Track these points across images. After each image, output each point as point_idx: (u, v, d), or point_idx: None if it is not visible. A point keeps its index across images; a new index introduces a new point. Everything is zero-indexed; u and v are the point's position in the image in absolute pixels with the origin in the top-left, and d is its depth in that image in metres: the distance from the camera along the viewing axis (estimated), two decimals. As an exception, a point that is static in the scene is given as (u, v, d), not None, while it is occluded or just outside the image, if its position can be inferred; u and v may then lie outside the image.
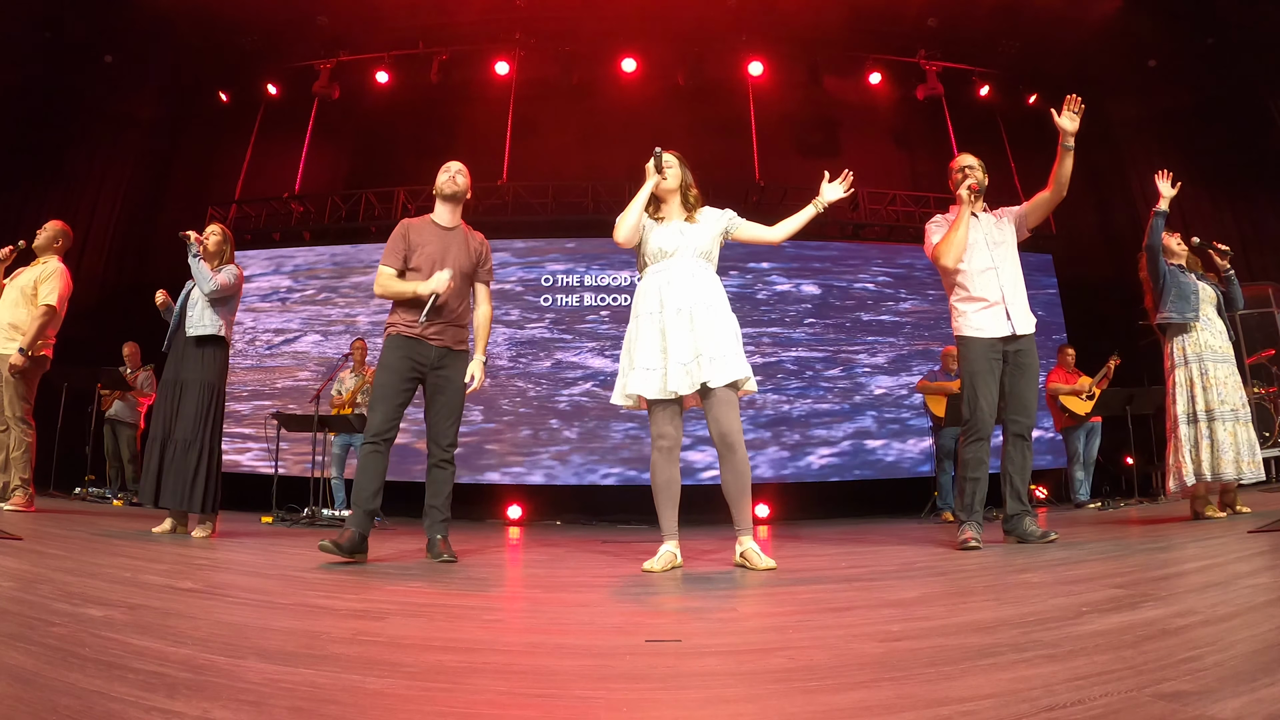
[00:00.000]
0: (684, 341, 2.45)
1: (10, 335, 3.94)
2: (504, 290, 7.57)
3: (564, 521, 6.31)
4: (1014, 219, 3.17)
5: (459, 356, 2.91)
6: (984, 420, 2.97)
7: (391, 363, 2.79)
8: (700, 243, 2.59)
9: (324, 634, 1.28)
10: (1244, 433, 3.51)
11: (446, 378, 2.86)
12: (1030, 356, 3.00)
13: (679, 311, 2.47)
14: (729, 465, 2.47)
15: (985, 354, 2.98)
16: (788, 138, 8.21)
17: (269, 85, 8.16)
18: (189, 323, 3.56)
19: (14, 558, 2.09)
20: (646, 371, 2.48)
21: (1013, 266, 3.07)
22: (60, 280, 4.04)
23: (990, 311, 3.00)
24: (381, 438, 2.72)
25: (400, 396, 2.79)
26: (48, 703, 0.81)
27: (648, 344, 2.51)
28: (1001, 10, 7.44)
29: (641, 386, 2.48)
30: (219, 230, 3.73)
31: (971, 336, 3.02)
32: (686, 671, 1.04)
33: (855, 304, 7.69)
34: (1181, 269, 3.76)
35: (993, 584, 1.87)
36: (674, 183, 2.65)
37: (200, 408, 3.50)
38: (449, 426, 2.87)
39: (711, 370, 2.40)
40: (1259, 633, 1.10)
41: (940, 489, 5.81)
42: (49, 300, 3.97)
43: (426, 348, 2.82)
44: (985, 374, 2.97)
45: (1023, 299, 3.04)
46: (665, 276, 2.54)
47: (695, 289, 2.51)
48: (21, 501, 3.80)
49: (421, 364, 2.81)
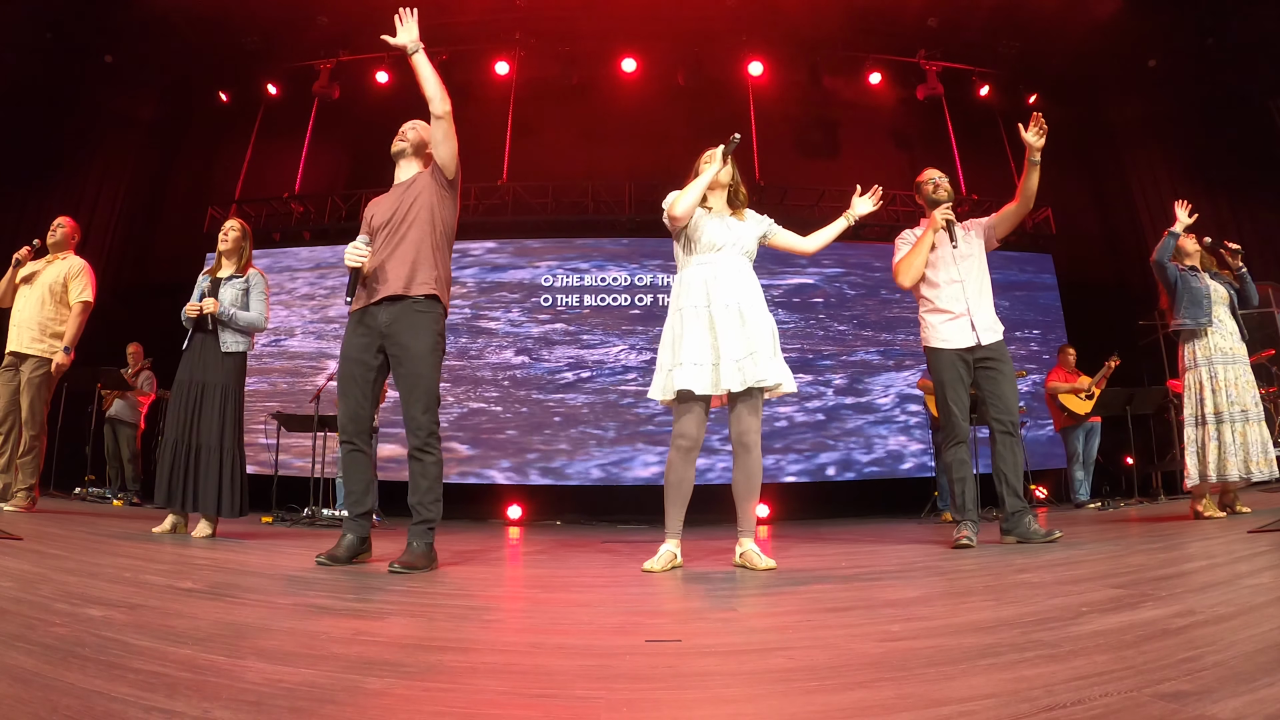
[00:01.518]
0: (736, 338, 2.41)
1: (38, 335, 3.90)
2: (504, 290, 7.58)
3: (564, 521, 6.31)
4: (981, 231, 3.25)
5: (408, 310, 2.44)
6: (959, 426, 3.09)
7: (345, 349, 2.52)
8: (746, 241, 2.59)
9: (324, 634, 1.28)
10: (1255, 432, 3.54)
11: (401, 345, 2.44)
12: (999, 360, 3.08)
13: (727, 307, 2.43)
14: (742, 465, 2.48)
15: (952, 363, 3.10)
16: (788, 138, 8.21)
17: (269, 85, 8.16)
18: (223, 336, 3.44)
19: (14, 558, 2.09)
20: (695, 367, 2.40)
21: (978, 279, 3.15)
22: (89, 275, 4.08)
23: (956, 323, 3.10)
24: (352, 435, 2.51)
25: (361, 385, 2.49)
26: (48, 703, 0.81)
27: (696, 339, 2.43)
28: (1001, 10, 7.44)
29: (691, 381, 2.38)
30: (238, 226, 3.62)
31: (939, 348, 3.13)
32: (686, 671, 1.04)
33: (854, 303, 7.69)
34: (1194, 271, 3.79)
35: (993, 584, 1.87)
36: (727, 177, 2.64)
37: (228, 413, 3.44)
38: (417, 406, 2.43)
39: (764, 370, 2.38)
40: (1259, 633, 1.10)
41: (940, 489, 5.81)
42: (85, 297, 4.00)
43: (372, 315, 2.48)
44: (954, 382, 3.09)
45: (988, 310, 3.13)
46: (712, 270, 2.50)
47: (742, 286, 2.49)
48: (24, 504, 3.80)
49: (373, 335, 2.48)
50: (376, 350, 2.49)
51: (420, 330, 2.45)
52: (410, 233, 2.51)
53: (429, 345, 2.46)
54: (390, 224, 2.54)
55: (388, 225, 2.54)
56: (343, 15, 7.60)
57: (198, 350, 3.48)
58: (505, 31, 7.95)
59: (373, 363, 2.50)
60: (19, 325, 3.93)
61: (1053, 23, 7.44)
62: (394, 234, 2.52)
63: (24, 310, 3.94)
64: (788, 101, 8.17)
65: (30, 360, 3.89)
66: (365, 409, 2.53)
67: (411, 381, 2.45)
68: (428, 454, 2.44)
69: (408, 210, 2.54)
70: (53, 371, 3.89)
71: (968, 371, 3.10)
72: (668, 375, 2.47)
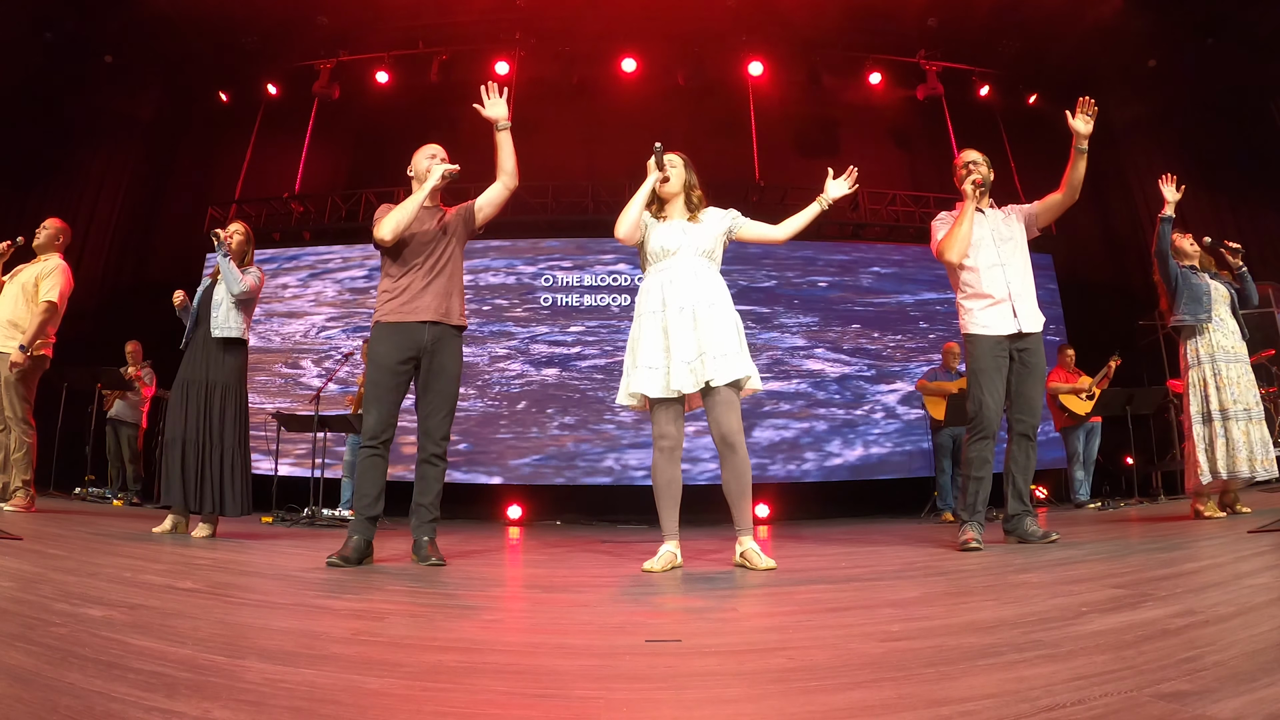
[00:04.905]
0: (687, 340, 2.45)
1: (10, 333, 3.89)
2: (504, 290, 7.58)
3: (564, 521, 6.31)
4: (1023, 217, 3.13)
5: (449, 335, 2.71)
6: (990, 419, 2.92)
7: (381, 358, 2.65)
8: (703, 242, 2.59)
9: (324, 634, 1.28)
10: (1257, 431, 3.53)
11: (441, 364, 2.68)
12: (1037, 356, 2.98)
13: (681, 310, 2.48)
14: (729, 465, 2.47)
15: (992, 351, 2.94)
16: (788, 138, 8.21)
17: (269, 85, 8.15)
18: (214, 324, 3.46)
19: (14, 558, 2.09)
20: (650, 370, 2.48)
21: (1020, 263, 3.03)
22: (61, 277, 4.01)
23: (997, 309, 2.96)
24: (380, 440, 2.62)
25: (395, 393, 2.66)
26: (48, 703, 0.81)
27: (651, 343, 2.51)
28: (1001, 10, 7.44)
29: (645, 385, 2.48)
30: (243, 229, 3.66)
31: (978, 334, 2.97)
32: (686, 671, 1.04)
33: (854, 303, 7.69)
34: (1194, 270, 3.77)
35: (993, 584, 1.87)
36: (677, 185, 2.65)
37: (230, 411, 3.45)
38: (443, 419, 2.70)
39: (716, 368, 2.41)
40: (1259, 633, 1.10)
41: (940, 489, 5.81)
42: (50, 297, 3.93)
43: (412, 330, 2.65)
44: (992, 372, 2.93)
45: (1031, 296, 3.01)
46: (668, 275, 2.54)
47: (698, 288, 2.51)
48: (23, 502, 3.79)
49: (412, 349, 2.65)
50: (411, 361, 2.67)
51: (457, 354, 2.75)
52: (449, 267, 2.78)
53: (459, 368, 2.78)
54: (430, 251, 2.75)
55: (428, 251, 2.75)
56: (343, 15, 7.60)
57: (199, 348, 3.50)
58: (505, 31, 7.94)
59: (406, 373, 2.68)
60: None
61: (1053, 23, 7.44)
62: (436, 265, 2.75)
63: (2, 308, 3.93)
64: (787, 101, 8.17)
65: (4, 359, 3.88)
66: (394, 416, 2.68)
67: (442, 399, 2.70)
68: (443, 460, 2.72)
69: (446, 245, 2.79)
70: (9, 370, 3.82)
71: (1006, 363, 2.95)
72: (627, 379, 2.57)
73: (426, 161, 2.83)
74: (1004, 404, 2.98)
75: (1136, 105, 7.94)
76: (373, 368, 2.68)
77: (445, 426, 2.71)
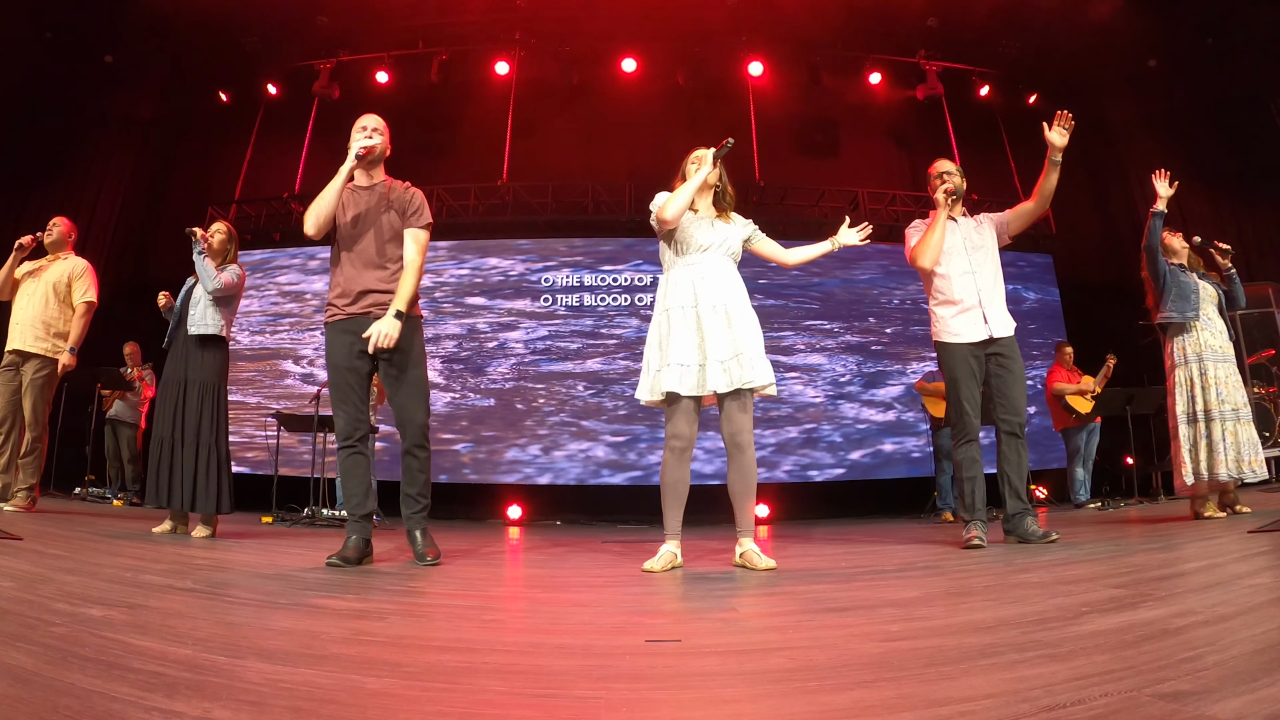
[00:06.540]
0: (723, 339, 2.43)
1: (42, 335, 3.91)
2: (504, 290, 7.58)
3: (564, 521, 6.31)
4: (995, 225, 3.20)
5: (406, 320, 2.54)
6: (970, 423, 3.03)
7: (335, 359, 2.57)
8: (732, 242, 2.59)
9: (324, 634, 1.28)
10: (1245, 432, 3.51)
11: (400, 352, 2.53)
12: (1011, 358, 3.03)
13: (714, 308, 2.45)
14: (736, 465, 2.48)
15: (965, 359, 3.03)
16: (788, 138, 8.21)
17: (269, 85, 8.15)
18: (190, 321, 3.49)
19: (14, 558, 2.09)
20: (682, 368, 2.42)
21: (991, 270, 3.10)
22: (93, 276, 4.11)
23: (967, 315, 3.04)
24: (355, 438, 2.60)
25: (358, 391, 2.59)
26: (48, 703, 0.81)
27: (683, 339, 2.44)
28: (1001, 10, 7.44)
29: (676, 383, 2.40)
30: (224, 228, 3.68)
31: (950, 342, 3.07)
32: (686, 671, 1.04)
33: (854, 303, 7.69)
34: (1182, 268, 3.76)
35: (993, 584, 1.87)
36: (715, 179, 2.64)
37: (206, 408, 3.46)
38: (418, 407, 2.60)
39: (754, 371, 2.40)
40: (1259, 633, 1.10)
41: (940, 489, 5.81)
42: (89, 297, 4.02)
43: (358, 323, 2.53)
44: (966, 379, 3.03)
45: (1000, 302, 3.08)
46: (699, 271, 2.51)
47: (728, 287, 2.50)
48: (23, 503, 3.79)
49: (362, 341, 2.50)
50: (364, 355, 2.53)
51: (414, 338, 2.62)
52: (393, 251, 2.61)
53: (422, 350, 2.66)
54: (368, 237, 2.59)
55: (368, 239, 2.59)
56: (343, 15, 7.61)
57: (180, 347, 3.54)
58: (505, 31, 7.94)
59: (364, 368, 2.59)
60: (21, 324, 3.93)
61: (1053, 23, 7.44)
62: (379, 251, 2.59)
63: (27, 309, 3.94)
64: (787, 101, 8.17)
65: (34, 360, 3.89)
66: (364, 412, 2.64)
67: (411, 385, 2.60)
68: (425, 449, 2.62)
69: (385, 229, 2.61)
70: (58, 372, 3.90)
71: (980, 367, 3.03)
72: (655, 376, 2.50)
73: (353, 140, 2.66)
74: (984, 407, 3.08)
75: (1136, 105, 7.94)
76: (330, 370, 2.62)
77: (422, 414, 2.61)
